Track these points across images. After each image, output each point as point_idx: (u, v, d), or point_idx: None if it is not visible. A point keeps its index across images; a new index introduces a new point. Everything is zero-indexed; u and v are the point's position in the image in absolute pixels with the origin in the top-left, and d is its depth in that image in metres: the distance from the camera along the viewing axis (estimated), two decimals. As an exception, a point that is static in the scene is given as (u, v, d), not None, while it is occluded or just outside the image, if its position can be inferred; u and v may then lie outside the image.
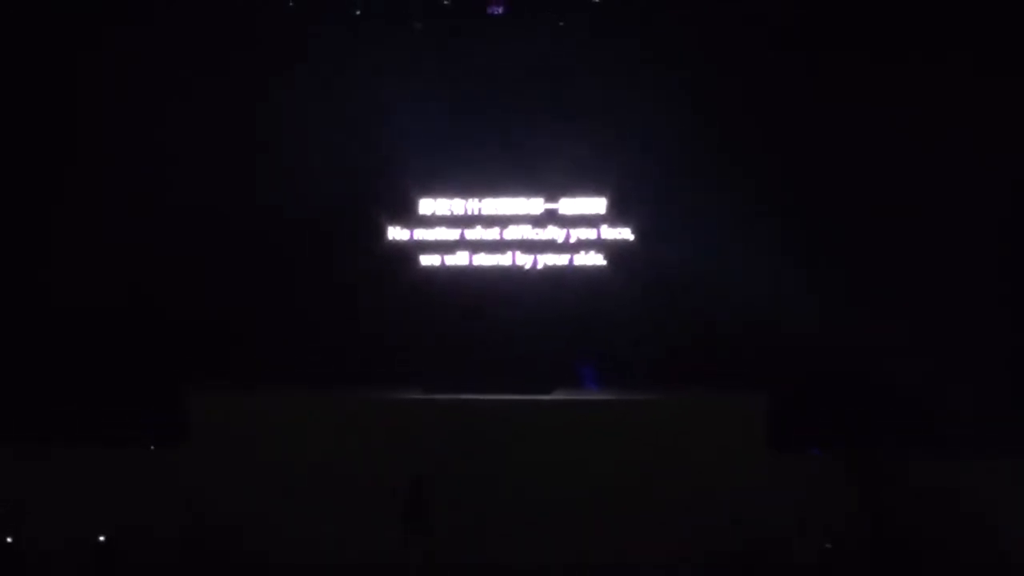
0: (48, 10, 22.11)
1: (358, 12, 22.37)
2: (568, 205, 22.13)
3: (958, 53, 21.20)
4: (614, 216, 22.08)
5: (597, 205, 22.12)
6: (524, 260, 22.13)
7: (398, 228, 22.25)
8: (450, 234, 22.19)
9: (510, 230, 22.18)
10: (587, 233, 22.12)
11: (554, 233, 22.14)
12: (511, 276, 22.13)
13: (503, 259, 22.15)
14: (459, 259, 22.20)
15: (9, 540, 20.09)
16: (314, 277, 22.48)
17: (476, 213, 22.14)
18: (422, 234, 22.24)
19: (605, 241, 22.08)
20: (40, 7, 22.12)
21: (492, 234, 22.17)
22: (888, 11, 21.73)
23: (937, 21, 21.49)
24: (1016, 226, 21.69)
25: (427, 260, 22.21)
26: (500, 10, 22.31)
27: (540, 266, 22.07)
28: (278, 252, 22.40)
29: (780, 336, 21.44)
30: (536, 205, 22.13)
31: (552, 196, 22.11)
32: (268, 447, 20.55)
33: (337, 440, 20.57)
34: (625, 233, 22.08)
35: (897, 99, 21.60)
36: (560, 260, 22.11)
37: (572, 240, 22.05)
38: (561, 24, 22.35)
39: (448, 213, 22.16)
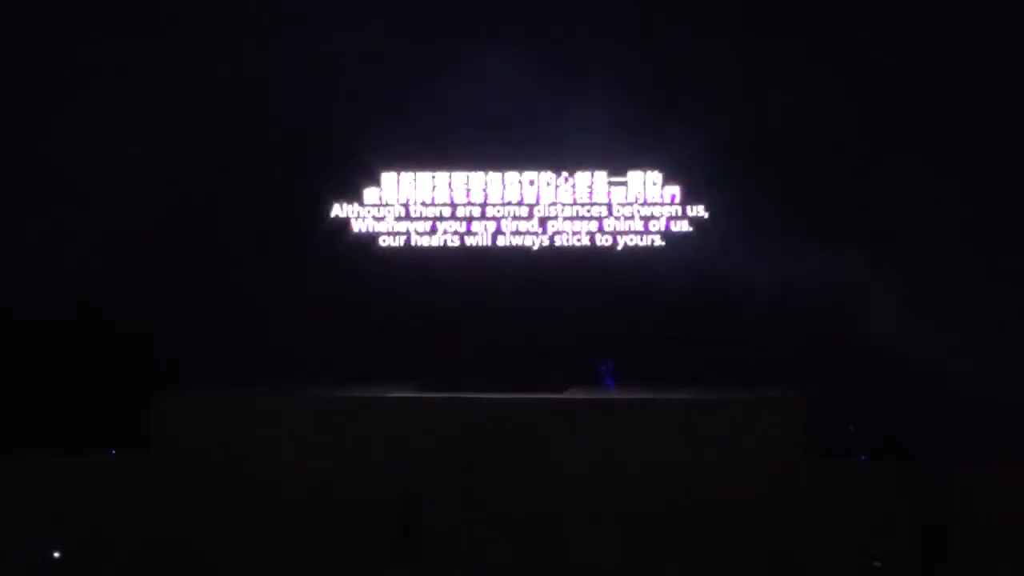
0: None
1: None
2: (583, 180, 21.53)
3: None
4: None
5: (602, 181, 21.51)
6: (537, 240, 21.68)
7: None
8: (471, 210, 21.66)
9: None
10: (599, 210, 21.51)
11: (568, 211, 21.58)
12: (518, 257, 21.49)
13: (516, 239, 21.57)
14: (478, 239, 21.65)
15: None
16: (289, 263, 21.62)
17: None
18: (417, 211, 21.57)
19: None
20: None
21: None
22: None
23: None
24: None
25: (424, 239, 21.55)
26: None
27: (556, 243, 21.52)
28: (247, 234, 21.62)
29: (819, 330, 20.48)
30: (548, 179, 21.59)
31: (562, 171, 21.51)
32: (239, 454, 19.37)
33: (316, 446, 19.33)
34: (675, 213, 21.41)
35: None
36: (577, 240, 21.51)
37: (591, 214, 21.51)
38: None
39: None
